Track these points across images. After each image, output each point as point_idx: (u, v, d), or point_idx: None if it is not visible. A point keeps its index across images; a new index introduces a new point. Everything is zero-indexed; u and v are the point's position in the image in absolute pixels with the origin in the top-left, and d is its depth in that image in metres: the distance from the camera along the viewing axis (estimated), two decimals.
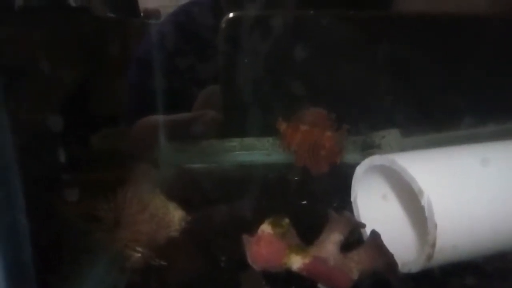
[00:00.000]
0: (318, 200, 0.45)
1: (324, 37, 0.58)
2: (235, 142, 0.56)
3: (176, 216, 0.38)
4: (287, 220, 0.35)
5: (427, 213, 0.32)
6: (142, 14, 0.72)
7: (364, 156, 0.50)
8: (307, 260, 0.32)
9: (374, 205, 0.39)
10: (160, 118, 0.60)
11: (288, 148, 0.50)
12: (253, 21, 0.56)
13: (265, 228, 0.34)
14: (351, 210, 0.40)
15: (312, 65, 0.57)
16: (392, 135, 0.50)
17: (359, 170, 0.38)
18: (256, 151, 0.55)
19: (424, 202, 0.32)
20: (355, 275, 0.32)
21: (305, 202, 0.45)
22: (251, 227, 0.36)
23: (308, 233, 0.36)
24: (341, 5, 0.63)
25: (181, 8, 0.68)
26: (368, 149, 0.50)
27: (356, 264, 0.33)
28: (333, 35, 0.57)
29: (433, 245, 0.32)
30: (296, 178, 0.50)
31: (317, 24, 0.58)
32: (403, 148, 0.49)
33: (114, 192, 0.42)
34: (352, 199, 0.40)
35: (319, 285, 0.33)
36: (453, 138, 0.51)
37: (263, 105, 0.56)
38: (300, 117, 0.51)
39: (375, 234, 0.34)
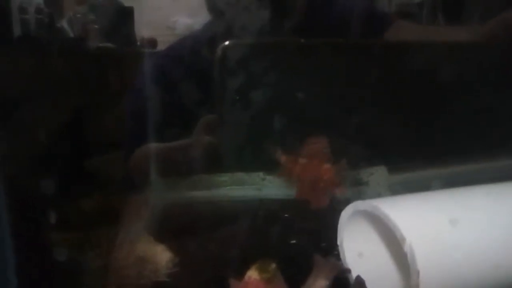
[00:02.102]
0: (307, 239, 0.46)
1: (323, 66, 0.58)
2: (226, 176, 0.56)
3: (164, 258, 0.38)
4: (273, 265, 0.35)
5: (409, 260, 0.32)
6: (138, 43, 0.73)
7: (353, 192, 0.51)
8: None
9: (360, 248, 0.40)
10: (157, 146, 0.61)
11: (288, 179, 0.51)
12: (249, 49, 0.57)
13: (252, 273, 0.35)
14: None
15: (310, 95, 0.58)
16: (379, 172, 0.51)
17: (344, 215, 0.39)
18: (246, 186, 0.56)
19: (406, 249, 0.33)
20: None
21: (294, 241, 0.45)
22: (240, 268, 0.36)
23: (295, 277, 0.36)
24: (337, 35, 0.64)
25: (176, 42, 0.69)
26: (356, 185, 0.51)
27: None
28: (331, 64, 0.58)
29: None
30: (286, 215, 0.50)
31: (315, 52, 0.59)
32: (390, 185, 0.50)
33: (103, 231, 0.42)
34: (338, 243, 0.40)
35: None
36: (441, 175, 0.52)
37: (261, 133, 0.57)
38: (299, 149, 0.51)
39: (359, 280, 0.34)
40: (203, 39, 0.66)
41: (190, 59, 0.65)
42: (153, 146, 0.61)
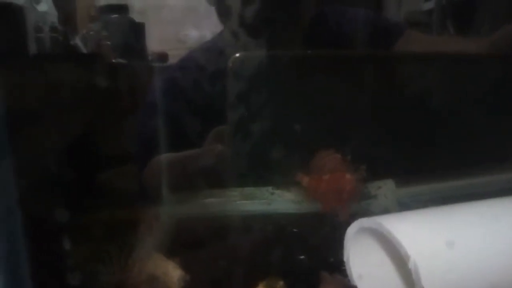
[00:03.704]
0: (316, 254, 0.46)
1: (333, 78, 0.59)
2: (235, 191, 0.57)
3: (175, 276, 0.39)
4: (281, 283, 0.36)
5: (414, 277, 0.33)
6: (150, 58, 0.75)
7: (361, 206, 0.51)
8: None
9: (366, 265, 0.40)
10: (171, 156, 0.62)
11: (313, 199, 0.51)
12: (261, 60, 0.57)
13: None
14: None
15: (320, 107, 0.58)
16: (387, 185, 0.51)
17: (349, 231, 0.39)
18: (256, 201, 0.56)
19: (411, 265, 0.33)
20: None
21: (302, 256, 0.46)
22: (249, 284, 0.37)
23: None
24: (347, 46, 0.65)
25: (188, 54, 0.70)
26: (364, 199, 0.51)
27: None
28: (341, 76, 0.59)
29: None
30: (295, 230, 0.51)
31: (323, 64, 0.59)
32: (398, 198, 0.50)
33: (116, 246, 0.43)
34: (344, 259, 0.41)
35: None
36: (449, 188, 0.52)
37: (272, 144, 0.57)
38: (318, 165, 0.52)
39: None
40: (214, 51, 0.67)
41: (201, 71, 0.67)
42: (166, 156, 0.62)
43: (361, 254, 0.40)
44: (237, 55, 0.57)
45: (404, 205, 0.50)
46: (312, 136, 0.58)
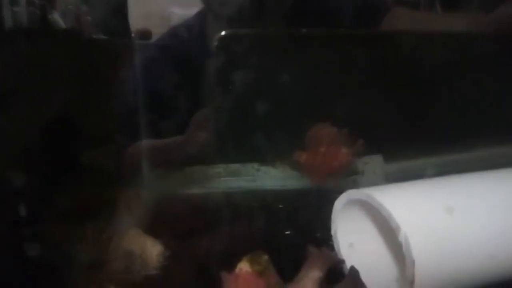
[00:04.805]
0: (302, 229, 0.45)
1: (319, 55, 0.57)
2: (220, 168, 0.55)
3: (154, 252, 0.37)
4: (265, 257, 0.35)
5: (404, 250, 0.31)
6: (133, 35, 0.72)
7: (348, 182, 0.50)
8: None
9: (354, 238, 0.39)
10: (152, 142, 0.60)
11: (307, 173, 0.50)
12: (247, 38, 0.56)
13: (243, 266, 0.34)
14: None
15: (306, 84, 0.57)
16: (375, 161, 0.50)
17: (337, 204, 0.38)
18: (241, 177, 0.55)
19: (401, 238, 0.32)
20: None
21: (288, 232, 0.44)
22: (233, 261, 0.35)
23: (288, 268, 0.36)
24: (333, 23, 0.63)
25: (168, 31, 0.68)
26: (352, 175, 0.50)
27: None
28: (328, 54, 0.57)
29: (412, 282, 0.31)
30: (280, 206, 0.50)
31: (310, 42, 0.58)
32: (386, 174, 0.49)
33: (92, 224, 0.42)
34: (332, 233, 0.39)
35: None
36: (438, 164, 0.51)
37: (257, 125, 0.56)
38: (314, 138, 0.51)
39: (353, 271, 0.33)
40: (196, 28, 0.65)
41: (183, 49, 0.65)
42: (147, 142, 0.60)
43: (349, 229, 0.39)
44: (223, 33, 0.55)
45: (393, 182, 0.49)
46: (299, 112, 0.57)
